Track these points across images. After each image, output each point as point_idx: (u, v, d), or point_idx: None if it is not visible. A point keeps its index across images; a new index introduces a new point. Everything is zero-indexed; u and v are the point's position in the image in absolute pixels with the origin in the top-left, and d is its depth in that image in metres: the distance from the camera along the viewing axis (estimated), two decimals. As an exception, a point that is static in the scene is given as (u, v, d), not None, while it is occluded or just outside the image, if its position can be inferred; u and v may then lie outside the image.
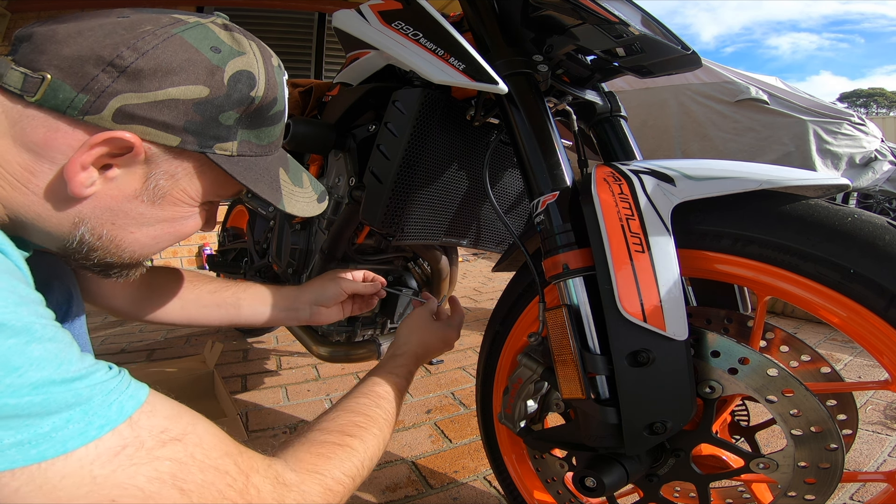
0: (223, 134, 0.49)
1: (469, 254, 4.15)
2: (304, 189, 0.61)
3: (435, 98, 0.77)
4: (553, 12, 0.68)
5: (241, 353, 1.92)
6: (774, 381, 0.51)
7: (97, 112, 0.42)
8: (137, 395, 0.38)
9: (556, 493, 0.73)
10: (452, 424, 1.35)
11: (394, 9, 0.75)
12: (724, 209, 0.54)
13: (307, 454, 0.49)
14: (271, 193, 0.54)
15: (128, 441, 0.36)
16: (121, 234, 0.49)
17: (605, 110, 0.80)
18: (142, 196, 0.48)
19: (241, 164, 0.51)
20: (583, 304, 0.57)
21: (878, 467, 1.12)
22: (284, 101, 0.55)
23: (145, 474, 0.35)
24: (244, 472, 0.41)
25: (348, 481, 0.50)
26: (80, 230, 0.47)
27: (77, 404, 0.34)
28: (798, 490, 0.52)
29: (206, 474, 0.38)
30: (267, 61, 0.51)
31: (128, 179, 0.46)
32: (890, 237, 0.46)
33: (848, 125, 3.22)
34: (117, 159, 0.45)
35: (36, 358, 0.33)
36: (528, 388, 0.67)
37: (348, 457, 0.52)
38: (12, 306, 0.34)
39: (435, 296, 1.14)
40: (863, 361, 1.73)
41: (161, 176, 0.48)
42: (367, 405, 0.61)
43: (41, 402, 0.33)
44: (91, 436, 0.34)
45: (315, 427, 0.55)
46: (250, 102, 0.49)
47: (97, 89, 0.42)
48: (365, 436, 0.56)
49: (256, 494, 0.41)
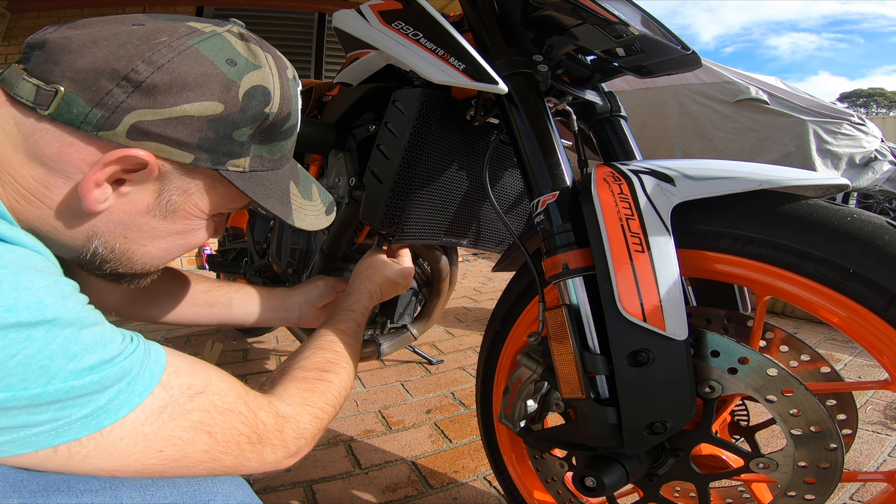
0: (236, 150, 0.49)
1: (469, 254, 4.15)
2: (314, 202, 0.62)
3: (435, 98, 0.77)
4: (553, 12, 0.68)
5: (241, 353, 1.92)
6: (774, 381, 0.51)
7: (111, 128, 0.42)
8: (160, 359, 0.43)
9: (556, 493, 0.73)
10: (452, 424, 1.35)
11: (394, 9, 0.75)
12: (723, 209, 0.54)
13: (296, 390, 0.57)
14: (281, 208, 0.55)
15: (166, 401, 0.41)
16: (133, 247, 0.50)
17: (605, 110, 0.80)
18: (154, 211, 0.48)
19: (253, 180, 0.52)
20: (583, 303, 0.57)
21: (878, 467, 1.12)
22: (298, 114, 0.55)
23: (182, 426, 0.42)
24: (252, 410, 0.48)
25: (331, 409, 0.59)
26: (93, 243, 0.47)
27: (123, 377, 0.39)
28: (798, 490, 0.52)
29: (226, 417, 0.45)
30: (282, 74, 0.51)
31: (141, 195, 0.47)
32: (889, 237, 0.46)
33: (848, 125, 3.21)
34: (131, 175, 0.45)
35: (88, 343, 0.37)
36: (528, 387, 0.67)
37: (328, 389, 0.60)
38: (60, 300, 0.37)
39: (435, 296, 1.14)
40: (863, 361, 1.73)
41: (174, 192, 0.48)
42: (334, 342, 0.69)
43: (99, 380, 0.37)
44: (135, 402, 0.39)
45: (295, 366, 0.62)
46: (264, 119, 0.49)
47: (111, 105, 0.41)
48: (338, 370, 0.65)
49: (263, 427, 0.48)
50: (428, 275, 1.16)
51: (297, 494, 1.04)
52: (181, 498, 0.43)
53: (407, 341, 1.17)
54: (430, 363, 1.80)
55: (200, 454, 0.43)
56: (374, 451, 1.22)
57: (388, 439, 1.27)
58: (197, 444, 0.43)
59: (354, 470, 1.14)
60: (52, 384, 0.35)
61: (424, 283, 1.17)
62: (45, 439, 0.36)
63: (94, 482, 0.41)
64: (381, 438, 1.28)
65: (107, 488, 0.41)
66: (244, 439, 0.46)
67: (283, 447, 0.50)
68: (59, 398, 0.35)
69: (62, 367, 0.35)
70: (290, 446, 0.51)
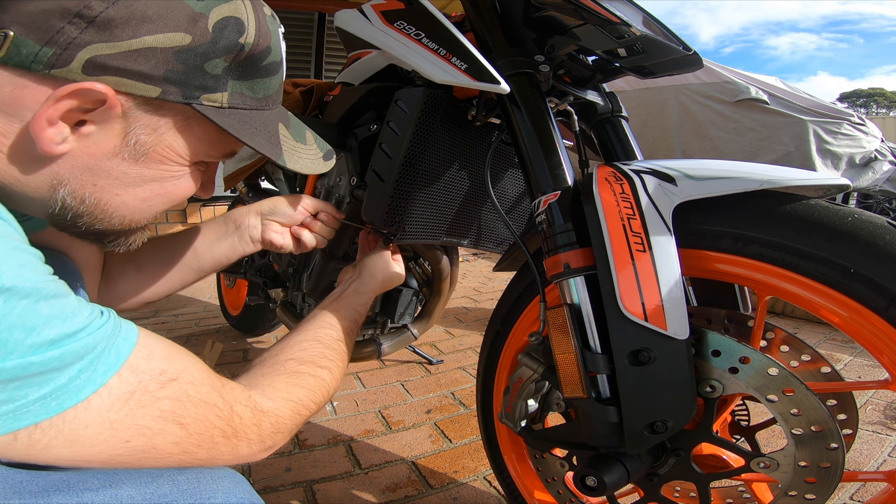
0: (210, 84, 0.46)
1: (469, 254, 4.15)
2: (309, 146, 0.58)
3: (437, 98, 0.77)
4: (555, 13, 0.68)
5: (241, 353, 1.92)
6: (775, 381, 0.51)
7: (65, 65, 0.39)
8: (129, 338, 0.40)
9: (557, 493, 0.73)
10: (452, 424, 1.35)
11: (396, 9, 0.75)
12: (725, 209, 0.55)
13: (283, 383, 0.54)
14: (270, 148, 0.51)
15: (135, 387, 0.39)
16: (105, 197, 0.46)
17: (606, 110, 0.80)
18: (122, 153, 0.45)
19: (234, 117, 0.48)
20: (584, 303, 0.57)
21: (878, 467, 1.12)
22: (280, 51, 0.51)
23: (151, 414, 0.39)
24: (228, 402, 0.46)
25: (314, 406, 0.57)
26: (59, 193, 0.44)
27: (86, 354, 0.36)
28: (798, 489, 0.53)
29: (199, 408, 0.43)
30: (258, 9, 0.48)
31: (105, 135, 0.43)
32: (890, 237, 0.46)
33: (848, 125, 3.22)
34: (91, 114, 0.42)
35: (46, 316, 0.34)
36: (528, 387, 0.67)
37: (318, 386, 0.58)
38: (16, 269, 0.34)
39: (435, 296, 1.14)
40: (863, 361, 1.73)
41: (141, 130, 0.45)
42: (335, 339, 0.66)
43: (59, 356, 0.35)
44: (98, 382, 0.37)
45: (289, 356, 0.59)
46: (240, 50, 0.46)
47: (63, 42, 0.39)
48: (332, 367, 0.62)
49: (239, 421, 0.46)
50: (428, 274, 1.16)
51: (297, 494, 1.04)
52: (181, 496, 0.42)
53: (407, 341, 1.17)
54: (430, 363, 1.80)
55: (170, 446, 0.41)
56: (374, 451, 1.22)
57: (388, 439, 1.28)
58: (167, 436, 0.40)
59: (354, 470, 1.14)
60: (10, 359, 0.32)
61: (425, 283, 1.17)
62: (4, 423, 0.34)
63: (94, 480, 0.39)
64: (382, 438, 1.28)
65: (107, 486, 0.39)
66: (218, 432, 0.44)
67: (258, 441, 0.48)
68: (16, 376, 0.33)
69: (20, 341, 0.33)
70: (267, 441, 0.50)
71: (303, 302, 1.23)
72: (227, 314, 2.21)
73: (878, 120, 8.11)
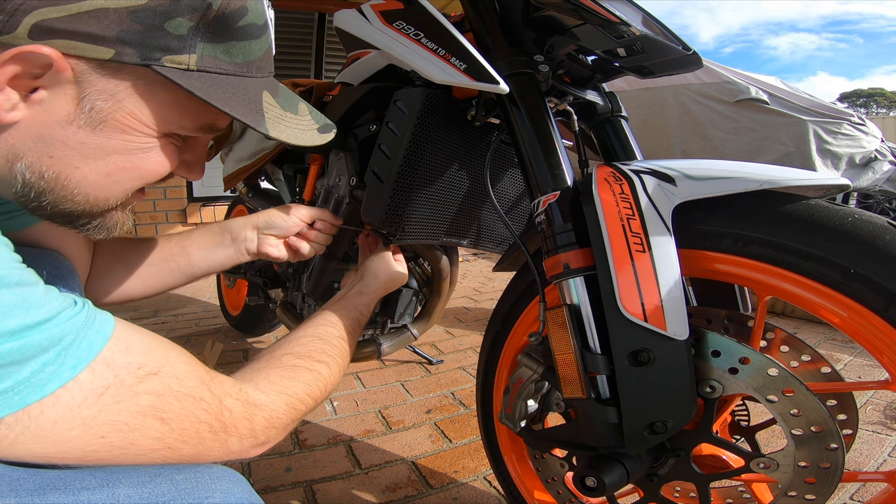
0: (174, 45, 0.43)
1: (469, 254, 4.15)
2: (301, 116, 0.55)
3: (436, 98, 0.77)
4: (554, 13, 0.68)
5: (241, 353, 1.92)
6: (775, 381, 0.51)
7: (10, 31, 0.38)
8: (104, 330, 0.39)
9: (557, 493, 0.73)
10: (452, 424, 1.35)
11: (395, 9, 0.75)
12: (724, 209, 0.55)
13: (277, 377, 0.54)
14: (248, 114, 0.47)
15: (110, 381, 0.37)
16: (65, 171, 0.43)
17: (605, 110, 0.80)
18: (77, 120, 0.42)
19: (203, 80, 0.44)
20: (583, 303, 0.57)
21: (878, 467, 1.12)
22: (264, 15, 0.48)
23: (128, 410, 0.38)
24: (217, 396, 0.44)
25: (310, 401, 0.55)
26: (17, 167, 0.42)
27: (51, 346, 0.35)
28: (798, 490, 0.53)
29: (183, 402, 0.41)
30: None
31: (57, 102, 0.41)
32: (890, 237, 0.46)
33: (848, 125, 3.21)
34: (40, 80, 0.40)
35: (7, 305, 0.33)
36: (528, 387, 0.67)
37: (315, 380, 0.57)
38: None
39: (435, 296, 1.14)
40: (863, 361, 1.73)
41: (97, 96, 0.42)
42: (335, 336, 0.66)
43: (20, 348, 0.33)
44: (66, 377, 0.35)
45: (287, 350, 0.59)
46: (206, 8, 0.43)
47: (9, 9, 0.37)
48: (331, 363, 0.61)
49: (229, 416, 0.45)
50: (428, 275, 1.16)
51: (297, 494, 1.04)
52: (179, 495, 0.41)
53: (407, 341, 1.17)
54: (430, 363, 1.80)
55: (151, 441, 0.39)
56: (374, 451, 1.22)
57: (388, 439, 1.27)
58: (146, 431, 0.39)
59: (354, 470, 1.14)
60: None
61: (425, 283, 1.17)
62: None
63: (91, 479, 0.38)
64: (382, 438, 1.28)
65: (104, 486, 0.39)
66: (205, 427, 0.43)
67: (251, 436, 0.47)
68: None
69: None
70: (260, 436, 0.48)
71: (303, 302, 1.23)
72: (227, 314, 2.21)
73: (878, 120, 8.11)
